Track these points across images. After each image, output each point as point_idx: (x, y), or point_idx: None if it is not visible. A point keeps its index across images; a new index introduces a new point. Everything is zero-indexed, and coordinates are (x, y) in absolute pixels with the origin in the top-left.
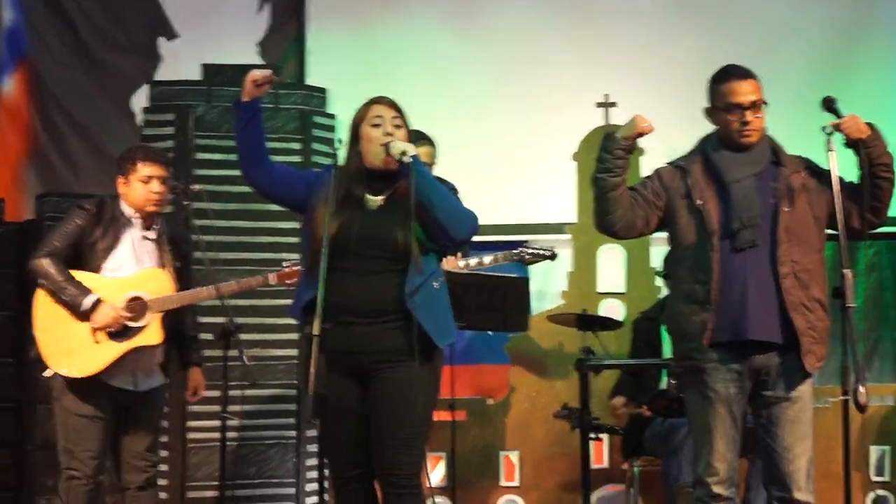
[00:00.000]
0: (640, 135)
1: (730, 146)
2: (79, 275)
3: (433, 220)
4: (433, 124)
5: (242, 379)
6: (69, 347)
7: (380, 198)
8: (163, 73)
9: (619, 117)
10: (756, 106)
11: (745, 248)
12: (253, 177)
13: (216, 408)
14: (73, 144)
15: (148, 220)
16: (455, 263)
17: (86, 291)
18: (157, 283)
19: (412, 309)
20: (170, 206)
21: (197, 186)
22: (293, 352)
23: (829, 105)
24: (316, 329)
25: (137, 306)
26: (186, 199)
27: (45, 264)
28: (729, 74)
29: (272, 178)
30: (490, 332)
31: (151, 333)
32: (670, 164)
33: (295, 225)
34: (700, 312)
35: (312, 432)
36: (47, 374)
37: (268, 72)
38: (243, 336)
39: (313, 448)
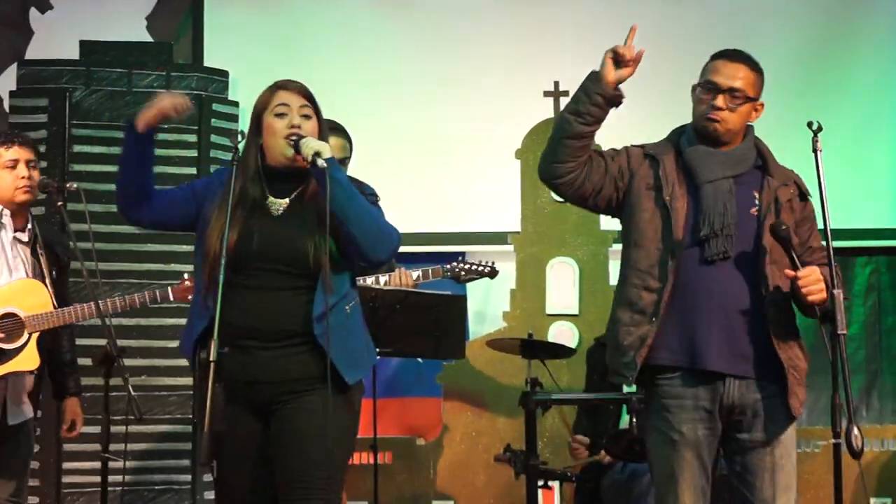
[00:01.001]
0: (624, 70)
1: (706, 140)
2: None
3: (346, 237)
4: (351, 114)
5: (127, 412)
6: None
7: (284, 201)
8: (34, 51)
9: None
10: (735, 94)
11: (714, 260)
12: (134, 216)
13: (96, 446)
14: None
15: (20, 219)
16: (408, 280)
17: None
18: (34, 298)
19: (318, 336)
20: (40, 206)
21: (73, 184)
22: (186, 380)
23: (776, 232)
24: (212, 354)
25: (11, 324)
26: (61, 198)
27: None
28: (722, 53)
29: (154, 211)
30: (420, 360)
31: (27, 357)
32: (639, 147)
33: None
34: (641, 324)
35: (209, 476)
36: None
37: (186, 102)
38: (128, 361)
39: (210, 495)
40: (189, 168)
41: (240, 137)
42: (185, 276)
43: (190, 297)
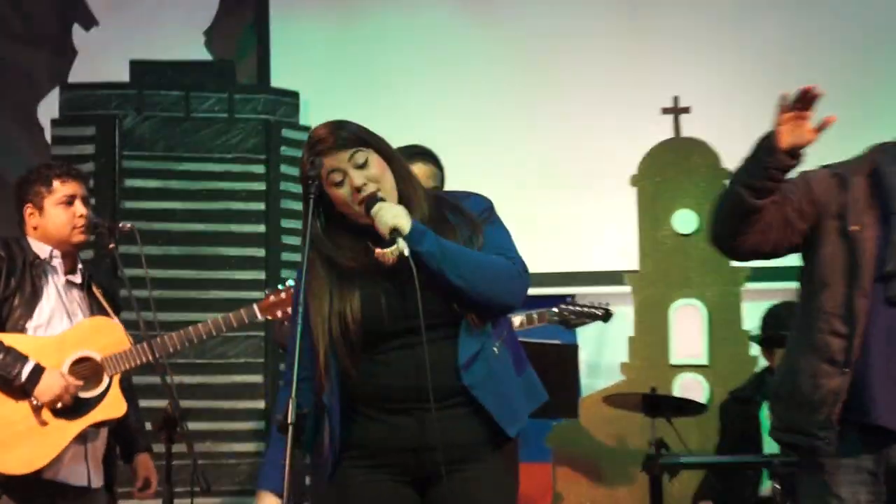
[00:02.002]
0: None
1: None
2: (3, 337)
3: (464, 301)
4: (438, 138)
5: (192, 483)
6: (6, 436)
7: (391, 249)
8: (78, 74)
9: (693, 126)
10: None
11: None
12: None
13: None
14: None
15: (69, 261)
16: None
17: (21, 358)
18: (108, 337)
19: (469, 387)
20: (88, 249)
21: (127, 224)
22: (257, 446)
23: None
24: (290, 415)
25: (88, 369)
26: (112, 240)
27: None
28: None
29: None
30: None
31: (113, 403)
32: (827, 167)
33: (258, 276)
34: (833, 375)
35: None
36: None
37: None
38: (191, 425)
39: None
40: (257, 203)
41: (316, 163)
42: (268, 291)
43: (279, 313)
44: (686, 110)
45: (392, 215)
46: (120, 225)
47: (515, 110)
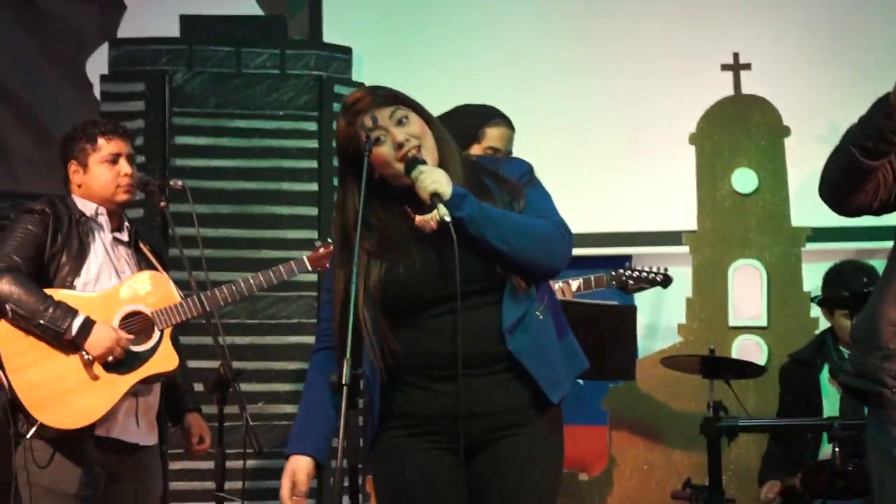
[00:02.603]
0: None
1: None
2: (53, 293)
3: (507, 265)
4: (496, 99)
5: (244, 445)
6: (57, 390)
7: (432, 215)
8: (127, 29)
9: (754, 84)
10: None
11: None
12: None
13: (209, 484)
14: (4, 124)
15: (115, 219)
16: (568, 291)
17: (71, 311)
18: (158, 291)
19: (514, 352)
20: (138, 208)
21: (178, 182)
22: None
23: None
24: (345, 376)
25: (139, 323)
26: (163, 198)
27: (6, 284)
28: None
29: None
30: (581, 382)
31: (164, 356)
32: None
33: (310, 235)
34: None
35: None
36: (30, 432)
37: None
38: (244, 386)
39: None
40: (309, 161)
41: (371, 123)
42: (318, 243)
43: (329, 265)
44: (747, 67)
45: (432, 180)
46: (171, 183)
47: (572, 69)
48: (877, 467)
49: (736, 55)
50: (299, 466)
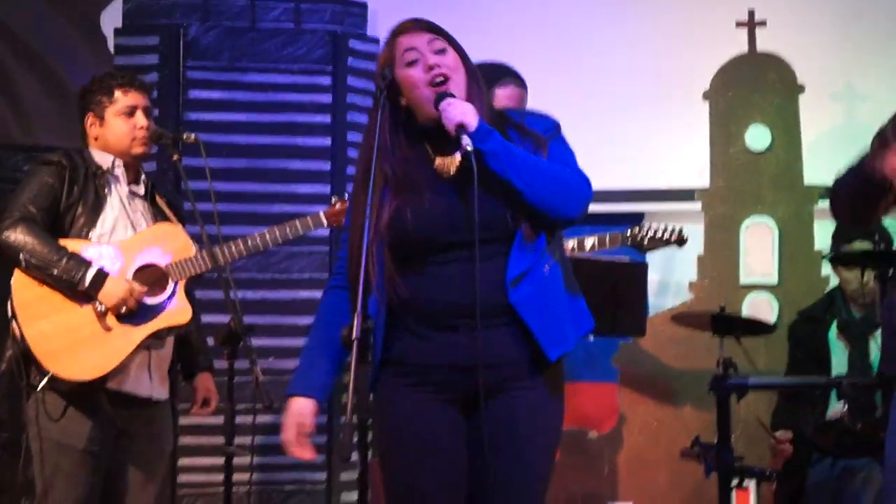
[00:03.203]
0: None
1: None
2: (67, 243)
3: (526, 206)
4: (515, 54)
5: (254, 400)
6: (70, 341)
7: (454, 158)
8: None
9: (768, 41)
10: None
11: None
12: None
13: (218, 439)
14: (19, 80)
15: (132, 172)
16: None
17: (84, 262)
18: (173, 243)
19: (514, 305)
20: (151, 161)
21: (191, 135)
22: None
23: None
24: (356, 331)
25: (152, 275)
26: (176, 152)
27: (21, 234)
28: None
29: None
30: (591, 338)
31: (178, 309)
32: None
33: (323, 190)
34: None
35: (349, 474)
36: (41, 383)
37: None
38: (255, 341)
39: (350, 498)
40: (322, 116)
41: (387, 73)
42: (334, 198)
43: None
44: (762, 24)
45: (460, 111)
46: (184, 136)
47: (586, 24)
48: None
49: (751, 12)
50: (300, 409)
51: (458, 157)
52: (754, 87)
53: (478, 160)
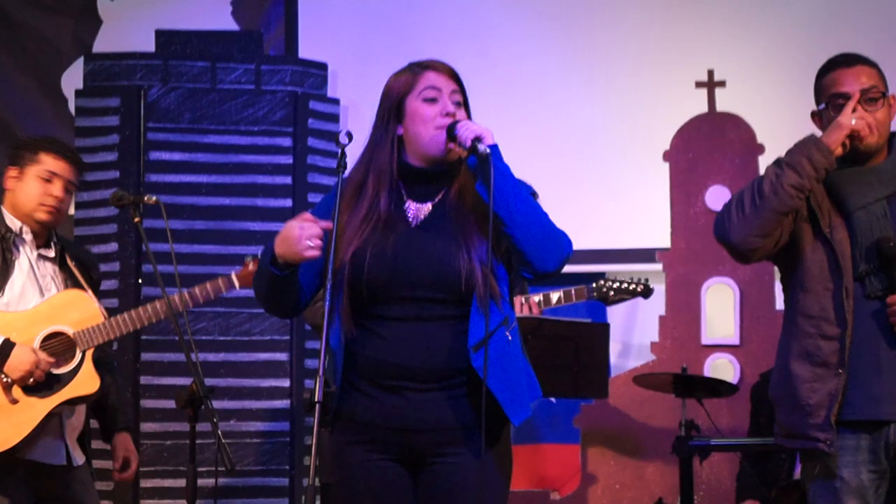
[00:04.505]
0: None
1: (853, 158)
2: None
3: (509, 242)
4: (474, 113)
5: (216, 463)
6: None
7: (425, 206)
8: (103, 43)
9: (728, 101)
10: (870, 96)
11: (876, 297)
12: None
13: (181, 503)
14: None
15: (42, 237)
16: (534, 306)
17: None
18: (80, 311)
19: (478, 369)
20: (111, 223)
21: (152, 197)
22: (282, 426)
23: (882, 248)
24: (317, 394)
25: (59, 344)
26: (137, 213)
27: None
28: (833, 64)
29: (309, 294)
30: (553, 400)
31: (85, 379)
32: None
33: None
34: (827, 379)
35: None
36: None
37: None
38: (216, 403)
39: None
40: (284, 176)
41: (347, 139)
42: (248, 258)
43: None
44: (721, 84)
45: (480, 128)
46: (145, 198)
47: (547, 84)
48: (819, 495)
49: (710, 72)
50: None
51: (429, 206)
52: (714, 146)
53: (485, 175)
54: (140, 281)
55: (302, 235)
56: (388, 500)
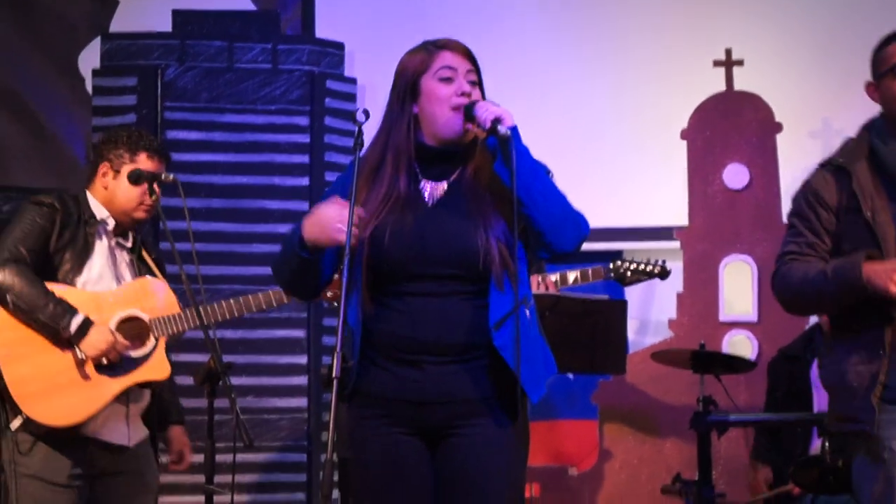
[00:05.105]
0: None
1: None
2: (55, 288)
3: (527, 222)
4: (490, 93)
5: (234, 439)
6: (47, 386)
7: (441, 185)
8: (120, 23)
9: (746, 80)
10: None
11: None
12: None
13: (199, 478)
14: None
15: (122, 225)
16: (551, 285)
17: (71, 310)
18: (158, 298)
19: (500, 348)
20: None
21: (170, 176)
22: (300, 402)
23: None
24: (335, 369)
25: (136, 329)
26: (155, 192)
27: (9, 275)
28: (893, 36)
29: (329, 274)
30: (572, 377)
31: (157, 364)
32: (824, 166)
33: None
34: (868, 361)
35: None
36: (14, 424)
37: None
38: (234, 380)
39: None
40: (300, 155)
41: (364, 117)
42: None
43: (328, 294)
44: (739, 63)
45: (499, 109)
46: (163, 177)
47: (565, 63)
48: (864, 468)
49: (728, 51)
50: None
51: (444, 185)
52: (732, 125)
53: (506, 154)
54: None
55: (334, 218)
56: (405, 473)
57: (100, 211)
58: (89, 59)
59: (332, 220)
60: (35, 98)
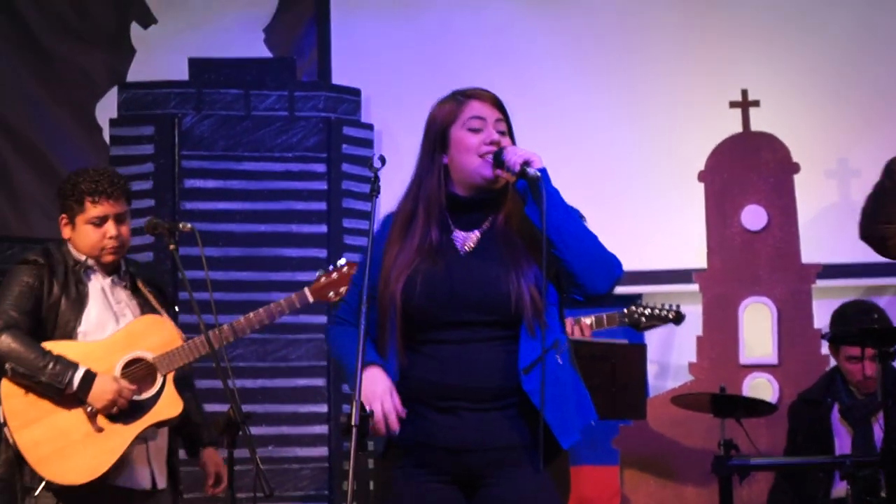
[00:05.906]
0: None
1: None
2: (52, 346)
3: (560, 265)
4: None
5: (254, 489)
6: (62, 445)
7: (473, 234)
8: (137, 72)
9: (762, 121)
10: None
11: None
12: None
13: None
14: (15, 170)
15: (108, 264)
16: (584, 329)
17: (71, 365)
18: (159, 335)
19: (529, 393)
20: (147, 250)
21: (187, 224)
22: (320, 451)
23: None
24: (354, 417)
25: (140, 370)
26: (172, 241)
27: (5, 342)
28: None
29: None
30: (592, 422)
31: (168, 402)
32: None
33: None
34: None
35: None
36: (37, 490)
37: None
38: (254, 430)
39: None
40: (318, 202)
41: (380, 163)
42: (320, 272)
43: (331, 294)
44: (755, 104)
45: (528, 152)
46: (180, 226)
47: (581, 106)
48: None
49: (744, 92)
50: (380, 377)
51: (476, 234)
52: (749, 166)
53: (536, 197)
54: (177, 309)
55: (379, 408)
56: None
57: (80, 255)
58: (107, 108)
59: (375, 396)
60: (54, 149)
